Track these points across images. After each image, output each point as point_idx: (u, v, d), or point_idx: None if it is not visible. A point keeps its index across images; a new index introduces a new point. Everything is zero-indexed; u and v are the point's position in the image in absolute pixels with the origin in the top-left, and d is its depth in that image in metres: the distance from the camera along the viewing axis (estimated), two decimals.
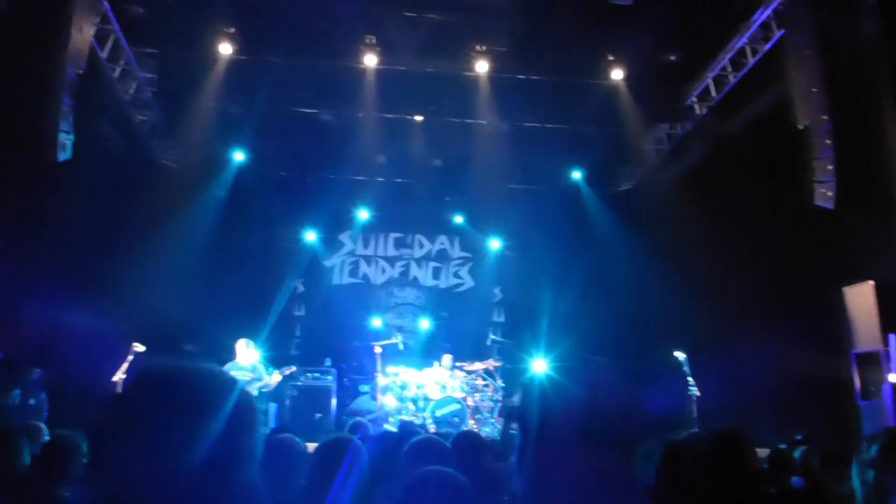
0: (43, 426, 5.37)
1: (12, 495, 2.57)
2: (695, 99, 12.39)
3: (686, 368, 9.58)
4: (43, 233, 9.96)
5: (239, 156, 13.94)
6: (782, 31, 10.04)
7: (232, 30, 11.02)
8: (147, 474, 0.92)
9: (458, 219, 15.62)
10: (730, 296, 11.40)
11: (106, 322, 10.18)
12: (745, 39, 10.86)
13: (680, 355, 9.67)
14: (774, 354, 9.65)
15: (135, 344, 9.00)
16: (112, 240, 11.89)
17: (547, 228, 14.85)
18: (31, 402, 9.38)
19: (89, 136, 9.67)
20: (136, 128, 12.56)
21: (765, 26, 10.53)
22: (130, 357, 8.85)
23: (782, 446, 5.22)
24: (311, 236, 15.32)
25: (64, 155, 7.91)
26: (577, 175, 14.79)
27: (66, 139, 7.90)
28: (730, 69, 11.48)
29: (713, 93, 11.96)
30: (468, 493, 1.85)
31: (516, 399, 10.71)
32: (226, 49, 11.12)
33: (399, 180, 15.10)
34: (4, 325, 9.15)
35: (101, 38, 10.20)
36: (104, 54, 10.45)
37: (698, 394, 9.47)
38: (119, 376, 8.72)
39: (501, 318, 15.57)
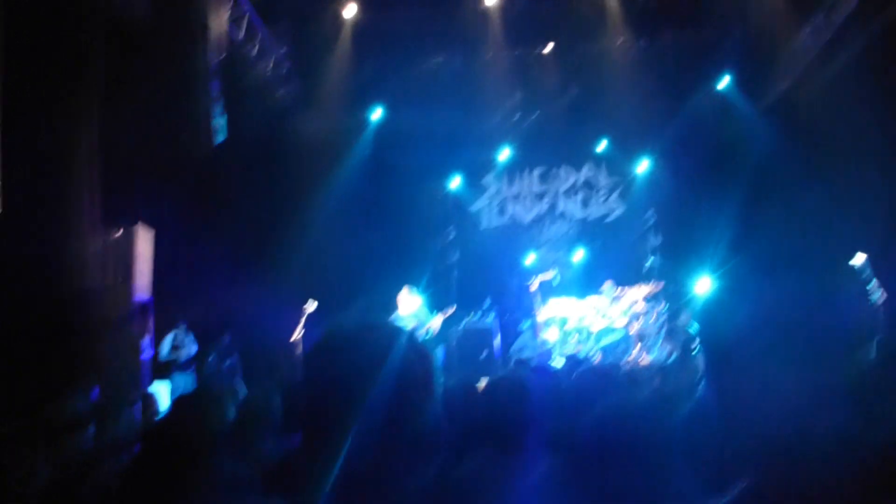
0: (238, 387, 5.93)
1: (224, 451, 2.89)
2: None
3: (868, 271, 8.84)
4: (214, 212, 10.79)
5: (377, 113, 14.29)
6: None
7: None
8: (340, 422, 0.99)
9: (602, 144, 15.17)
10: None
11: (280, 286, 10.95)
12: None
13: (860, 257, 8.92)
14: None
15: (307, 303, 9.60)
16: (274, 209, 12.68)
17: (698, 142, 14.10)
18: (225, 365, 10.33)
19: (238, 117, 10.28)
20: (279, 102, 13.17)
21: None
22: (304, 316, 9.46)
23: None
24: (455, 183, 15.51)
25: (219, 138, 8.47)
26: (724, 82, 13.86)
27: (218, 122, 8.45)
28: None
29: None
30: (620, 382, 1.87)
31: (682, 320, 10.46)
32: (350, 11, 11.31)
33: (537, 114, 14.87)
34: (194, 297, 10.09)
35: (235, 20, 10.70)
36: (240, 35, 10.97)
37: (884, 296, 8.72)
38: (297, 335, 9.36)
39: (658, 241, 15.09)
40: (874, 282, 8.75)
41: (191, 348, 9.73)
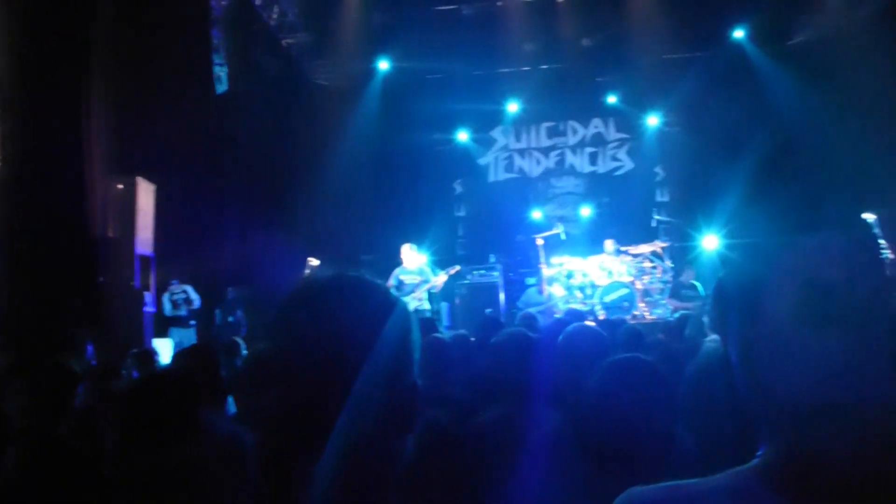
0: (240, 341, 5.87)
1: (214, 404, 2.84)
2: None
3: (877, 230, 8.70)
4: (219, 165, 10.67)
5: (384, 64, 14.02)
6: None
7: None
8: (310, 379, 0.94)
9: (612, 99, 14.88)
10: None
11: (285, 241, 10.89)
12: None
13: (869, 217, 8.78)
14: None
15: (310, 259, 9.53)
16: (280, 162, 12.55)
17: (710, 97, 13.80)
18: (230, 319, 10.32)
19: (244, 67, 10.08)
20: (285, 51, 12.93)
21: None
22: (307, 272, 9.40)
23: None
24: (463, 136, 15.30)
25: (221, 87, 8.30)
26: (739, 34, 13.50)
27: (220, 72, 8.28)
28: None
29: None
30: (660, 376, 1.78)
31: (685, 278, 10.35)
32: None
33: (545, 67, 14.57)
34: (197, 252, 10.03)
35: None
36: None
37: (893, 257, 8.61)
38: None
39: (665, 198, 14.92)
40: (882, 241, 8.60)
41: (194, 304, 9.71)
